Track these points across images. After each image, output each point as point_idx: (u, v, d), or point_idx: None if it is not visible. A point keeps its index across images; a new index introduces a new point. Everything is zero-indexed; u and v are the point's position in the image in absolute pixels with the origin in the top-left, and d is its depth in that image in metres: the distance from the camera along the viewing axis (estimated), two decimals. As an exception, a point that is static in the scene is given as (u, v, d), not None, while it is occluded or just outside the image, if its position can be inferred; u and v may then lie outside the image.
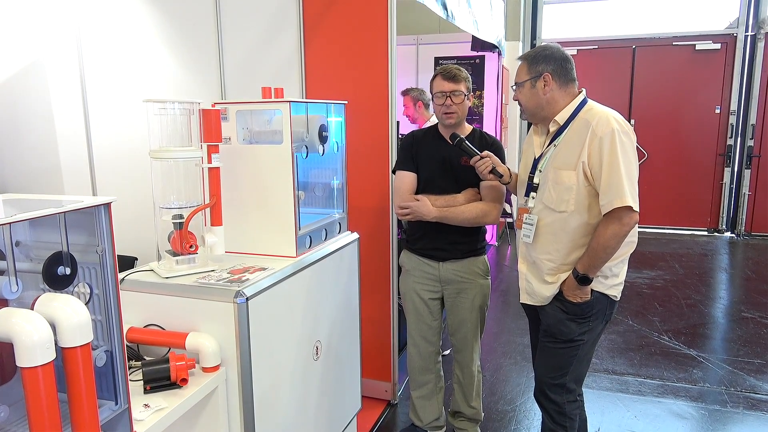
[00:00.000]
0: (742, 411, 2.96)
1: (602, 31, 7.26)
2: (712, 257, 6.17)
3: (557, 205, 1.95)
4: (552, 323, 2.04)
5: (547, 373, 2.11)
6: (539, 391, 2.15)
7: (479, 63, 5.83)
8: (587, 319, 1.99)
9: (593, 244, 1.89)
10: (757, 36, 6.71)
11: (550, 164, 1.98)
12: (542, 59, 1.97)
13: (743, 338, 3.90)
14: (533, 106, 2.02)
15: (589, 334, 2.02)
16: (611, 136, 1.84)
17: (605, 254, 1.88)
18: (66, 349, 1.06)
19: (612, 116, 1.89)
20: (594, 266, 1.90)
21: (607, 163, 1.83)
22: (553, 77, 1.96)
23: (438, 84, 2.31)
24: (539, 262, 2.04)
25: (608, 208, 1.84)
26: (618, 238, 1.86)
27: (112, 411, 1.24)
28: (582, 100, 1.99)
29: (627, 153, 1.85)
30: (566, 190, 1.92)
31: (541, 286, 2.05)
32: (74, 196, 1.21)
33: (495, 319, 4.34)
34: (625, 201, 1.81)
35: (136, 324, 1.75)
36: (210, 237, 1.89)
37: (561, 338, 2.03)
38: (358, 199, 2.78)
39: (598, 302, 1.99)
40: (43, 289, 1.16)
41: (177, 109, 1.81)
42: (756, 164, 6.91)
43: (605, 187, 1.84)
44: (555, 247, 1.99)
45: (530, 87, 2.00)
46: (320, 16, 2.83)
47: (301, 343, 2.03)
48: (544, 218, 2.00)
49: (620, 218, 1.83)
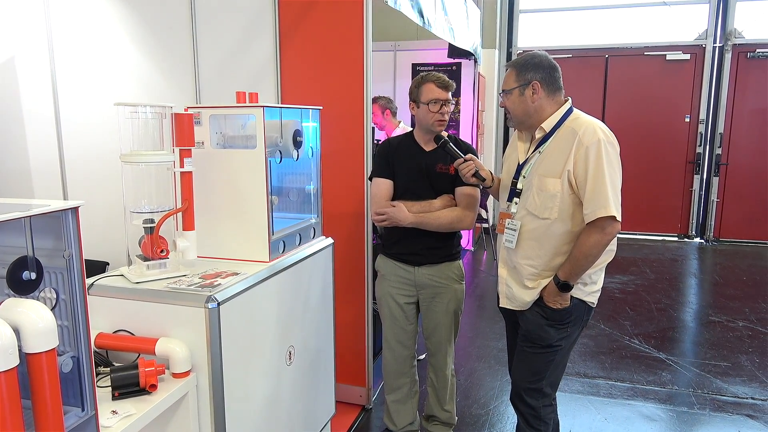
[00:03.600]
0: (709, 413, 3.04)
1: (576, 40, 7.40)
2: (682, 262, 6.31)
3: (541, 211, 1.97)
4: (531, 329, 2.06)
5: (524, 377, 2.13)
6: (516, 395, 2.17)
7: (456, 70, 5.90)
8: (566, 325, 2.02)
9: (575, 252, 1.92)
10: (725, 47, 6.91)
11: (534, 171, 2.00)
12: (531, 67, 1.98)
13: (711, 342, 3.99)
14: (521, 114, 2.03)
15: (566, 339, 2.05)
16: (597, 146, 1.86)
17: (587, 262, 1.91)
18: (30, 355, 1.05)
19: (598, 126, 1.91)
20: (575, 274, 1.93)
21: (593, 172, 1.85)
22: (542, 85, 1.98)
23: (433, 92, 2.33)
24: (520, 267, 2.05)
25: (592, 218, 1.86)
26: (600, 247, 1.89)
27: (78, 417, 1.23)
28: (568, 109, 2.00)
29: (612, 163, 1.87)
30: (550, 197, 1.94)
31: (521, 291, 2.06)
32: (41, 200, 1.20)
33: (470, 323, 4.37)
34: (609, 211, 1.83)
35: (105, 329, 1.73)
36: (182, 242, 1.88)
37: (539, 343, 2.05)
38: (333, 204, 2.79)
39: (577, 309, 2.01)
40: (7, 294, 1.15)
41: (149, 112, 1.80)
42: (724, 172, 7.09)
43: (590, 196, 1.86)
44: (537, 253, 2.01)
45: (519, 94, 2.00)
46: (296, 21, 2.84)
47: (274, 348, 2.02)
48: (527, 224, 2.02)
49: (603, 227, 1.86)
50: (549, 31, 7.58)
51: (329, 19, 2.78)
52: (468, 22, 5.23)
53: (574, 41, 7.40)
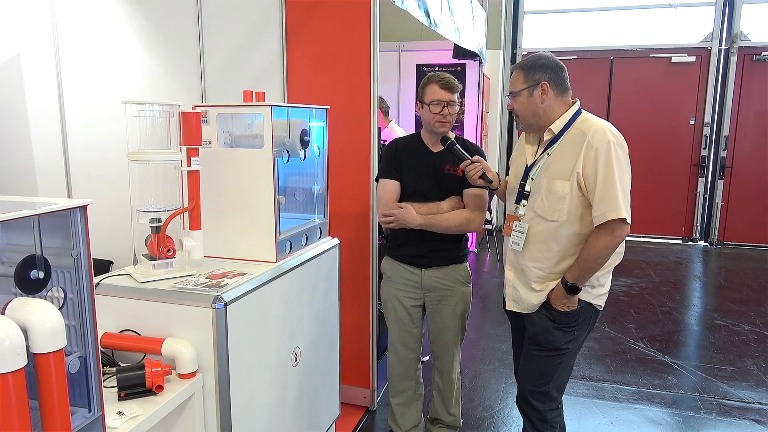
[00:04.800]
0: (715, 417, 3.02)
1: (581, 42, 7.39)
2: (686, 265, 6.29)
3: (549, 214, 1.95)
4: (538, 331, 2.05)
5: (530, 380, 2.11)
6: (522, 398, 2.15)
7: (460, 71, 5.88)
8: (573, 327, 2.00)
9: (584, 255, 1.90)
10: (731, 50, 6.89)
11: (543, 173, 1.98)
12: (539, 68, 1.96)
13: (716, 345, 3.97)
14: (530, 115, 2.00)
15: (573, 342, 2.03)
16: (607, 147, 1.84)
17: (596, 265, 1.89)
18: (38, 355, 1.03)
19: (608, 128, 1.90)
20: (584, 276, 1.91)
21: (602, 174, 1.84)
22: (551, 86, 1.95)
23: (435, 92, 2.31)
24: (527, 269, 2.03)
25: (602, 220, 1.84)
26: (609, 250, 1.87)
27: (85, 418, 1.21)
28: (577, 110, 1.98)
29: (622, 165, 1.86)
30: (559, 199, 1.92)
31: (528, 293, 2.04)
32: (49, 198, 1.18)
33: (474, 325, 4.35)
34: (619, 213, 1.82)
35: (111, 329, 1.71)
36: (188, 241, 1.87)
37: (546, 346, 2.03)
38: (339, 204, 2.77)
39: (584, 311, 2.00)
40: (15, 293, 1.13)
41: (156, 111, 1.79)
42: (729, 175, 7.07)
43: (599, 199, 1.85)
44: (545, 256, 1.99)
45: (528, 96, 1.98)
46: (303, 21, 2.82)
47: (280, 349, 2.01)
48: (535, 226, 2.00)
49: (612, 230, 1.84)
50: (554, 32, 7.56)
51: (336, 19, 2.76)
52: (473, 22, 5.21)
53: (579, 43, 7.38)
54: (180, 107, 1.84)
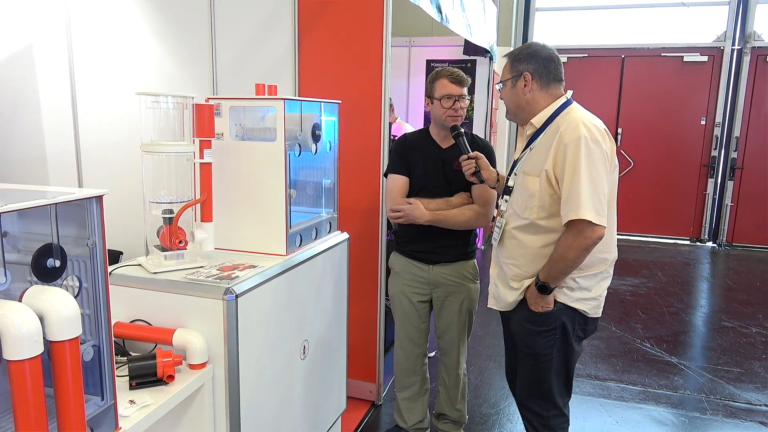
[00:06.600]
0: (721, 418, 3.01)
1: (592, 39, 7.34)
2: (694, 266, 6.26)
3: (522, 211, 1.91)
4: (517, 333, 2.02)
5: (524, 386, 2.08)
6: (519, 404, 2.15)
7: (471, 67, 5.85)
8: (551, 331, 1.92)
9: (553, 254, 1.83)
10: (743, 50, 6.82)
11: (521, 168, 1.94)
12: (524, 58, 1.90)
13: (723, 347, 3.96)
14: (513, 106, 1.97)
15: (557, 349, 1.93)
16: (576, 143, 1.73)
17: (564, 265, 1.81)
18: (54, 343, 1.04)
19: (583, 122, 1.78)
20: (553, 276, 1.84)
21: (569, 172, 1.74)
22: (534, 77, 1.88)
23: (446, 87, 2.30)
24: (505, 266, 2.00)
25: (565, 220, 1.76)
26: (576, 251, 1.77)
27: (97, 406, 1.23)
28: (563, 103, 1.89)
29: (594, 162, 1.73)
30: (530, 196, 1.87)
31: (506, 291, 2.01)
32: (64, 188, 1.20)
33: (480, 322, 4.35)
34: (580, 214, 1.71)
35: (122, 319, 1.73)
36: (200, 233, 1.88)
37: (527, 351, 1.99)
38: (348, 199, 2.78)
39: (563, 314, 1.90)
40: (31, 281, 1.14)
41: (170, 103, 1.80)
42: (739, 176, 7.02)
43: (565, 197, 1.76)
44: (519, 253, 1.94)
45: (511, 86, 1.93)
46: (315, 15, 2.82)
47: (289, 342, 2.02)
48: (510, 222, 1.96)
49: (580, 231, 1.74)
50: (565, 29, 7.52)
51: (348, 13, 2.76)
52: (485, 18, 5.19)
53: (591, 41, 7.34)
54: (194, 99, 1.85)
